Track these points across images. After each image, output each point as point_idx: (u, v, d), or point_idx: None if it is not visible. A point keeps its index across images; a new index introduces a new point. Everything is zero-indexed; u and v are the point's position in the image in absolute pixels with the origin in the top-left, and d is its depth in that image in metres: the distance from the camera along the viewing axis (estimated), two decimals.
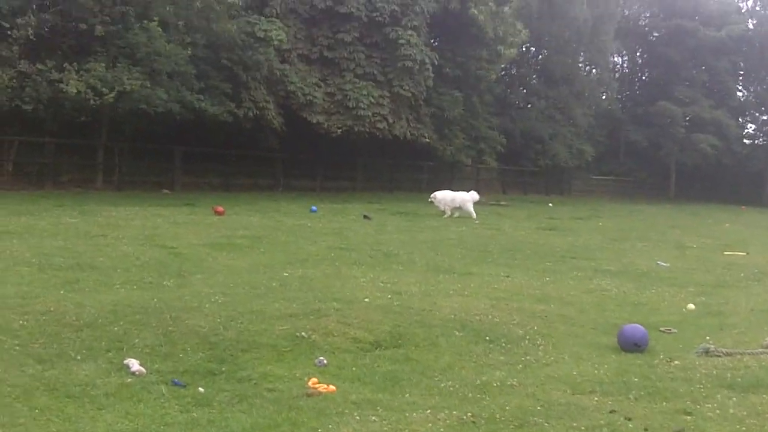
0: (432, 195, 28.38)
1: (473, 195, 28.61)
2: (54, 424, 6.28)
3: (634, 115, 53.51)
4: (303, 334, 9.16)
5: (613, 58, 56.61)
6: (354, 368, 8.31)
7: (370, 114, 34.93)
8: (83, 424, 6.34)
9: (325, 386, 7.64)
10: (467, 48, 40.92)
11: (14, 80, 25.81)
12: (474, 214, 27.93)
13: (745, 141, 58.75)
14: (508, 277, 14.88)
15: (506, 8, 41.59)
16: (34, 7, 26.99)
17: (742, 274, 17.14)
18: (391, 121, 36.20)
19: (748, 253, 21.88)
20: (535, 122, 48.79)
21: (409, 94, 36.65)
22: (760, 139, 59.28)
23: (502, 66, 45.25)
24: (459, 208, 28.09)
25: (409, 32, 35.48)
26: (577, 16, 48.91)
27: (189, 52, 28.36)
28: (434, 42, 40.68)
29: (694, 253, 21.80)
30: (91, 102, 26.16)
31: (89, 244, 15.58)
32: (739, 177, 55.61)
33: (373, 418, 6.54)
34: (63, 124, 29.55)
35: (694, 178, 55.36)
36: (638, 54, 58.72)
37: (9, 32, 26.19)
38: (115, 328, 8.90)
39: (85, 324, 8.95)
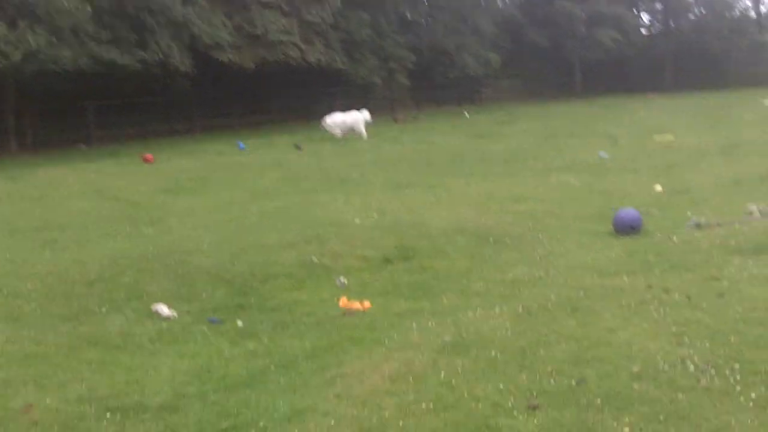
0: (322, 120, 28.03)
1: (365, 114, 28.30)
2: (118, 374, 6.23)
3: (534, 18, 53.84)
4: (314, 259, 9.21)
5: None
6: (376, 284, 8.42)
7: (279, 40, 34.37)
8: (145, 370, 6.31)
9: (359, 303, 7.73)
10: None
11: None
12: (365, 134, 27.60)
13: (642, 31, 59.80)
14: (468, 185, 15.07)
15: None
16: None
17: (685, 155, 17.72)
18: (303, 48, 35.72)
19: (675, 137, 22.56)
20: (440, 36, 48.66)
21: (318, 20, 36.14)
22: (656, 28, 60.41)
23: None
24: (351, 129, 27.90)
25: None
26: None
27: (89, 8, 27.26)
28: None
29: (627, 141, 22.34)
30: None
31: (41, 205, 15.21)
32: (641, 66, 56.66)
33: (430, 323, 6.65)
34: None
35: (597, 73, 56.12)
36: None
37: None
38: (126, 279, 8.78)
39: (94, 279, 8.81)
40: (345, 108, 33.42)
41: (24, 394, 5.76)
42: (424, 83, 48.95)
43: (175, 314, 7.70)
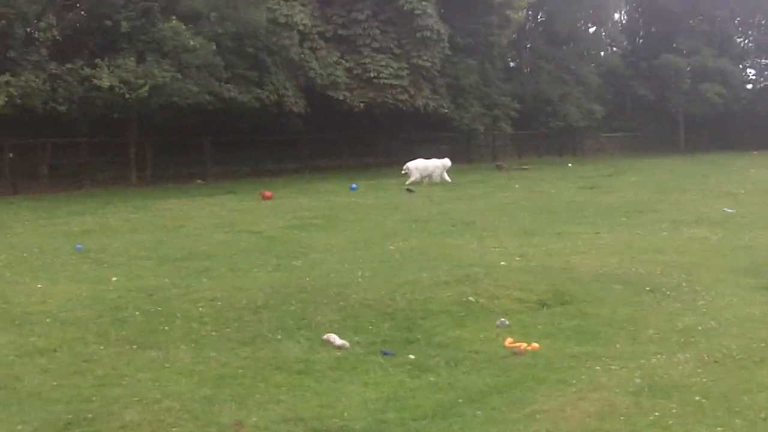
0: (405, 166, 28.33)
1: (445, 162, 28.99)
2: (309, 398, 6.44)
3: (639, 70, 53.57)
4: (471, 298, 9.34)
5: (614, 14, 56.57)
6: (539, 326, 8.49)
7: (390, 83, 35.00)
8: (335, 396, 6.50)
9: (526, 344, 7.82)
10: (477, 15, 40.94)
11: (47, 83, 25.72)
12: (448, 179, 28.26)
13: (748, 86, 58.86)
14: (598, 233, 15.07)
15: None
16: (57, 8, 26.75)
17: None
18: (412, 92, 36.28)
19: None
20: (544, 85, 48.83)
21: (428, 64, 36.67)
22: (762, 84, 59.40)
23: (512, 30, 45.24)
24: (430, 176, 28.28)
25: (423, 2, 35.49)
26: None
27: (214, 46, 28.28)
28: (443, 11, 40.58)
29: (746, 198, 22.01)
30: (126, 96, 26.08)
31: (179, 235, 15.77)
32: (746, 123, 55.79)
33: (613, 366, 6.72)
34: (94, 124, 29.50)
35: (701, 128, 55.53)
36: (639, 8, 58.71)
37: (35, 35, 26.09)
38: (291, 308, 9.06)
39: (261, 306, 9.11)
40: (448, 153, 33.91)
41: (228, 412, 6.02)
42: (526, 132, 49.09)
43: (347, 344, 7.90)
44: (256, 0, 28.61)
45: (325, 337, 8.10)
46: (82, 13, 27.03)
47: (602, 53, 56.74)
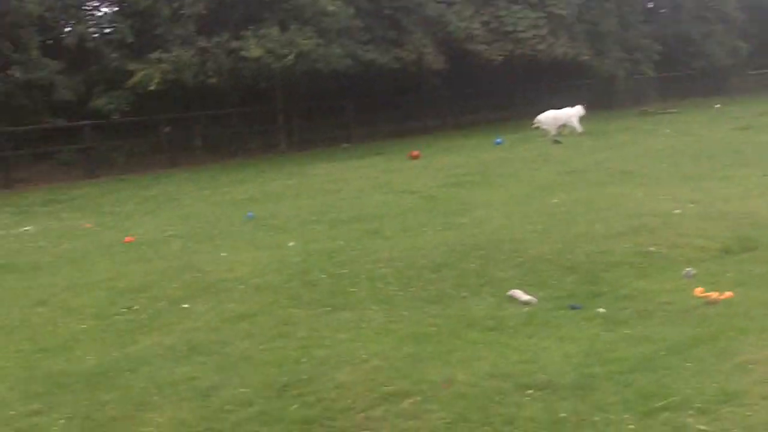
0: (536, 119, 27.29)
1: (579, 109, 27.51)
2: (508, 354, 6.51)
3: None
4: (651, 248, 9.24)
5: None
6: (727, 274, 8.32)
7: (529, 36, 34.53)
8: (533, 351, 6.55)
9: (718, 294, 7.68)
10: None
11: (196, 56, 26.54)
12: (579, 128, 26.89)
13: None
14: (766, 176, 14.56)
15: None
16: None
17: None
18: (550, 41, 35.68)
19: None
20: (685, 24, 47.13)
21: (564, 13, 35.95)
22: None
23: None
24: (564, 125, 27.24)
25: None
26: None
27: (352, 10, 28.54)
28: None
29: None
30: (273, 65, 26.67)
31: (340, 198, 16.18)
32: None
33: None
34: (241, 94, 30.36)
35: None
36: None
37: (182, 11, 26.91)
38: (471, 265, 9.17)
39: (440, 264, 9.25)
40: (589, 100, 33.11)
41: (434, 369, 6.18)
42: (668, 74, 47.55)
43: (534, 299, 7.95)
44: None
45: (510, 293, 8.17)
46: None
47: None
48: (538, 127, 27.25)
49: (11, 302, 9.45)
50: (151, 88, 25.38)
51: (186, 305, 8.49)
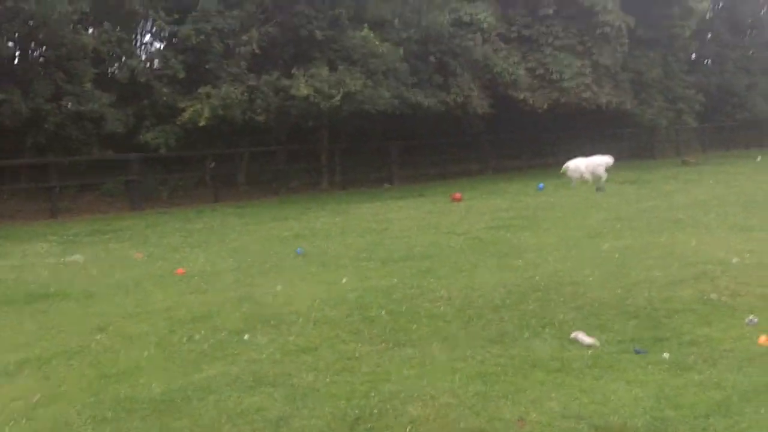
0: (565, 166, 26.72)
1: (608, 159, 26.57)
2: (577, 396, 6.48)
3: None
4: (713, 296, 9.17)
5: None
6: None
7: (574, 84, 34.61)
8: (601, 393, 6.51)
9: None
10: (658, 7, 39.89)
11: (245, 94, 26.87)
12: (604, 178, 26.02)
13: None
14: None
15: None
16: (256, 22, 27.91)
17: None
18: (595, 89, 35.74)
19: None
20: (729, 75, 47.10)
21: (609, 62, 36.04)
22: None
23: (694, 20, 43.83)
24: (592, 174, 26.31)
25: None
26: None
27: (401, 51, 28.84)
28: (622, 4, 39.78)
29: None
30: (321, 105, 26.94)
31: (387, 237, 16.18)
32: None
33: None
34: (288, 132, 30.67)
35: None
36: None
37: (236, 50, 27.31)
38: (530, 306, 9.16)
39: (499, 305, 9.26)
40: (631, 149, 33.08)
41: (505, 408, 6.16)
42: (711, 125, 47.42)
43: (597, 342, 7.91)
44: (440, 3, 28.91)
45: (573, 335, 8.14)
46: (276, 25, 28.03)
47: None
48: (564, 173, 26.81)
49: (70, 329, 9.54)
50: (201, 123, 25.68)
51: (246, 336, 8.53)
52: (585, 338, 8.04)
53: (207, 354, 8.10)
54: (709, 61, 49.13)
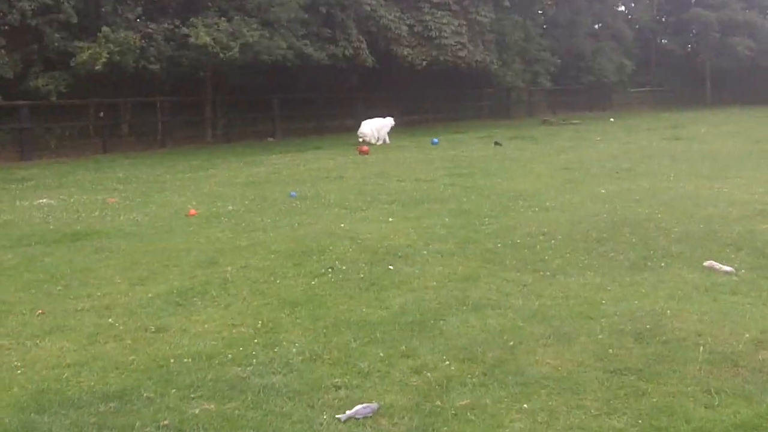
0: (360, 131, 26.62)
1: (390, 121, 27.74)
2: (715, 314, 6.61)
3: (667, 25, 53.93)
4: None
5: None
6: None
7: (452, 42, 35.07)
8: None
9: None
10: None
11: (143, 41, 25.48)
12: (388, 140, 27.03)
13: None
14: None
15: None
16: None
17: None
18: (471, 48, 36.35)
19: None
20: (580, 40, 48.82)
21: (486, 20, 36.80)
22: None
23: None
24: (378, 133, 27.08)
25: None
26: None
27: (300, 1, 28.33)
28: None
29: None
30: (220, 55, 26.01)
31: (369, 184, 15.69)
32: None
33: None
34: (174, 84, 29.47)
35: (726, 83, 55.95)
36: None
37: None
38: (633, 239, 9.27)
39: (602, 238, 9.36)
40: (490, 108, 33.81)
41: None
42: (559, 87, 49.16)
43: (733, 269, 8.10)
44: None
45: (707, 263, 8.31)
46: None
47: (633, 4, 56.67)
48: (362, 140, 26.17)
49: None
50: (97, 68, 24.11)
51: (391, 267, 8.21)
52: (722, 267, 8.22)
53: (374, 282, 7.73)
54: (564, 24, 50.59)
